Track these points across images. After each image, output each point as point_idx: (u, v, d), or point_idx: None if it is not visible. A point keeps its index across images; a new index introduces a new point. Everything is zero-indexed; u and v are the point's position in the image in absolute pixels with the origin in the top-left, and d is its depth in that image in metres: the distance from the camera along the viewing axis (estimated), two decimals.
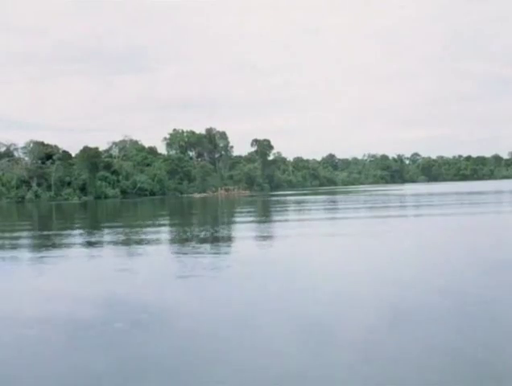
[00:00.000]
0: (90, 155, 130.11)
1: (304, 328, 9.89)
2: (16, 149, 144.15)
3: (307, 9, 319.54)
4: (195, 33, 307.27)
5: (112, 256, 21.46)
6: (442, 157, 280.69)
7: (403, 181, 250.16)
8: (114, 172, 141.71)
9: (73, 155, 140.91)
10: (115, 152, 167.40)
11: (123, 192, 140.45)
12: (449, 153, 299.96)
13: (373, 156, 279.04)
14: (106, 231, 35.57)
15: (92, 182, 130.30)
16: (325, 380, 7.48)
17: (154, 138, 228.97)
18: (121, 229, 36.16)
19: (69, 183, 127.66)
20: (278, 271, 16.28)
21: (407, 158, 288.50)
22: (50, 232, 35.99)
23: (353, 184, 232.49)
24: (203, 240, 25.76)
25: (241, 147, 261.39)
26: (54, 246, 25.65)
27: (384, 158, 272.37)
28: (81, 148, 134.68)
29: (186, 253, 21.38)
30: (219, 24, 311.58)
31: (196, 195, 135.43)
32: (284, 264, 17.72)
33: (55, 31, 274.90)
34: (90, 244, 26.32)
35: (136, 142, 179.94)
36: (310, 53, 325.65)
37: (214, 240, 26.37)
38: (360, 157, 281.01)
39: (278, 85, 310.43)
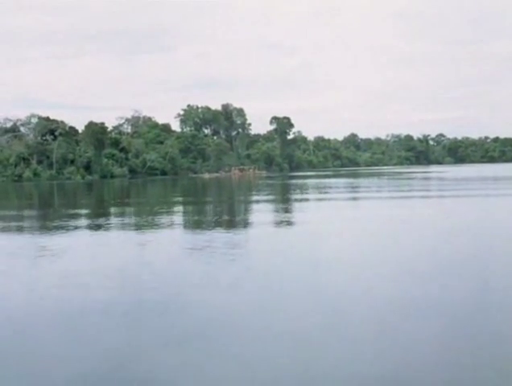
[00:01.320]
0: (95, 131, 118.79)
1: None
2: (23, 124, 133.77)
3: None
4: (216, 13, 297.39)
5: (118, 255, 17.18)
6: (468, 138, 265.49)
7: (428, 162, 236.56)
8: (123, 150, 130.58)
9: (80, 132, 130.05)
10: (126, 129, 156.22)
11: (132, 171, 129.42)
12: (474, 134, 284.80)
13: (397, 136, 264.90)
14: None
15: (97, 160, 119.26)
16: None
17: (170, 116, 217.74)
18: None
19: (72, 161, 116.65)
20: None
21: (432, 139, 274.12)
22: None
23: (377, 165, 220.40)
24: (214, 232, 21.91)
25: (259, 126, 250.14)
26: (46, 248, 18.73)
27: (408, 138, 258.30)
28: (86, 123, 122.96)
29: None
30: (241, 4, 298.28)
31: (206, 176, 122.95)
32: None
33: (77, 10, 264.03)
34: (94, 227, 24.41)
35: (149, 119, 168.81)
36: (331, 33, 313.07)
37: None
38: (383, 137, 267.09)
39: (298, 65, 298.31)
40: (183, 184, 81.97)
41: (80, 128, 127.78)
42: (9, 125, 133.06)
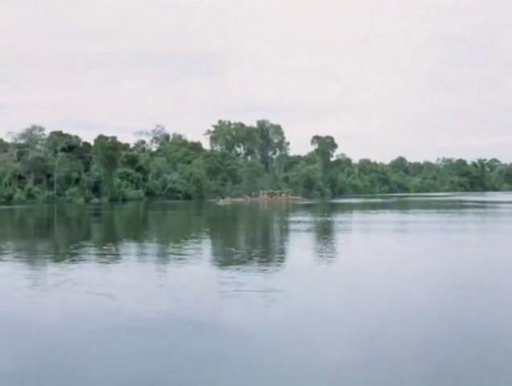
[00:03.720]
0: (105, 146, 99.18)
1: None
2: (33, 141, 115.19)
3: (376, 13, 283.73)
4: (266, 39, 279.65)
5: None
6: None
7: (484, 189, 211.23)
8: (140, 169, 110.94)
9: None
10: (149, 147, 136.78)
11: (149, 194, 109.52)
12: None
13: (449, 161, 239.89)
14: None
15: (107, 180, 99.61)
16: None
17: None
18: None
19: (77, 181, 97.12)
20: None
21: (485, 164, 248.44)
22: None
23: (428, 191, 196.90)
24: None
25: (298, 147, 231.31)
26: None
27: (461, 162, 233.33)
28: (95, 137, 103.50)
29: None
30: (291, 30, 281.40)
31: (221, 202, 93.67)
32: None
33: (127, 34, 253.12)
34: None
35: (179, 137, 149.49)
36: (376, 59, 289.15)
37: None
38: (433, 161, 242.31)
39: (342, 91, 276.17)
40: (174, 214, 60.68)
41: None
42: (23, 140, 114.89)
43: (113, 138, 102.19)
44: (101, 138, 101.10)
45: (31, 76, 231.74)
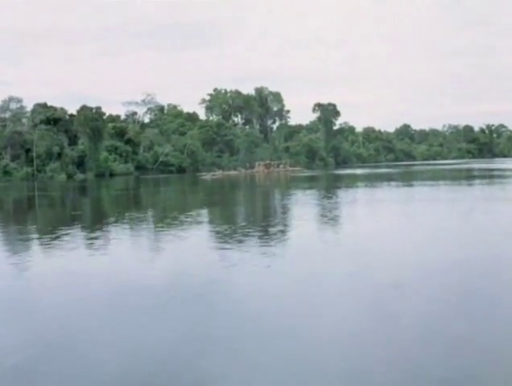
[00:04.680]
0: (89, 118, 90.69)
1: None
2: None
3: None
4: (262, 9, 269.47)
5: None
6: None
7: (493, 156, 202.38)
8: (129, 142, 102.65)
9: None
10: (141, 118, 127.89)
11: (140, 168, 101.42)
12: None
13: (455, 127, 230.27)
14: None
15: (92, 153, 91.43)
16: None
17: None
18: None
19: (60, 155, 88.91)
20: None
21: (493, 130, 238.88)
22: None
23: (434, 159, 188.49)
24: None
25: (299, 116, 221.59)
26: None
27: (468, 129, 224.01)
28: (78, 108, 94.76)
29: None
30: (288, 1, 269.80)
31: (207, 176, 78.88)
32: None
33: (128, 5, 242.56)
34: None
35: (174, 108, 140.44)
36: (377, 26, 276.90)
37: None
38: (439, 128, 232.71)
39: (343, 59, 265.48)
40: (148, 191, 52.71)
41: None
42: (7, 115, 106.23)
43: (98, 109, 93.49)
44: (84, 109, 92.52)
45: (31, 51, 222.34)
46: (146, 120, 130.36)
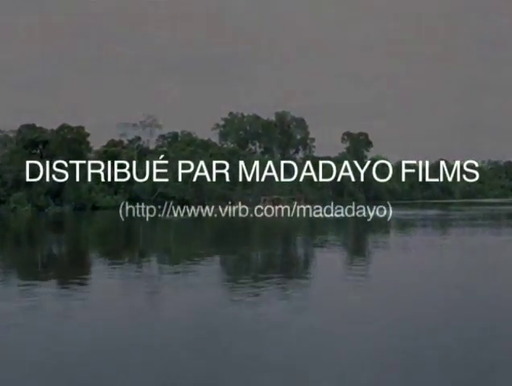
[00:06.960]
0: (68, 139, 73.31)
1: None
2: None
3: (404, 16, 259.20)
4: (298, 41, 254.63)
5: None
6: None
7: None
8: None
9: None
10: (145, 144, 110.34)
11: (134, 200, 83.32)
12: None
13: (495, 163, 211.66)
14: None
15: (71, 182, 73.82)
16: None
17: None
18: None
19: (29, 184, 71.40)
20: None
21: None
22: None
23: (475, 197, 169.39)
24: None
25: (325, 148, 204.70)
26: None
27: (510, 165, 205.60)
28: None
29: None
30: (323, 35, 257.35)
31: (174, 217, 54.36)
32: None
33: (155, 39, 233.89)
34: None
35: (188, 134, 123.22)
36: (408, 62, 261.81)
37: None
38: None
39: (375, 91, 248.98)
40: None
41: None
42: None
43: (80, 128, 76.02)
44: (63, 128, 75.14)
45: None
46: (152, 146, 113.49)
